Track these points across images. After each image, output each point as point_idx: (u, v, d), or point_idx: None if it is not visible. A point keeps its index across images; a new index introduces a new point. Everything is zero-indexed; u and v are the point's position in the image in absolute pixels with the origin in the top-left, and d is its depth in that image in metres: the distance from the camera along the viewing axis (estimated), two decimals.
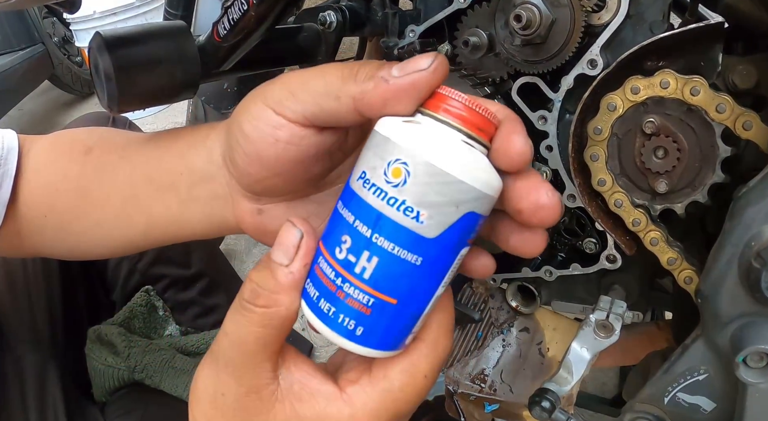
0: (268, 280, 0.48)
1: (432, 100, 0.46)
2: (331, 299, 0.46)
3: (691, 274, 0.71)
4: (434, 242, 0.44)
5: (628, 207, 0.71)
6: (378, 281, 0.44)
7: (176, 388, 1.27)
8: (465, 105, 0.44)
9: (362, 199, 0.44)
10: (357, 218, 0.44)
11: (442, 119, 0.45)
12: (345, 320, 0.45)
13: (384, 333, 0.46)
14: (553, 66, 0.71)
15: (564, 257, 0.85)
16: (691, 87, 0.64)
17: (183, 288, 1.50)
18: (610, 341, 0.75)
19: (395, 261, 0.44)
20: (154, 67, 0.71)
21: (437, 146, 0.43)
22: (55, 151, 0.78)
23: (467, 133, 0.44)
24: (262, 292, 0.48)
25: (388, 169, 0.43)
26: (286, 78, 0.53)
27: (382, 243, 0.43)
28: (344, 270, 0.45)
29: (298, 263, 0.48)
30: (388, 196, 0.43)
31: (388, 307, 0.45)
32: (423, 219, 0.43)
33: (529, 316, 0.96)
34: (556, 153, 0.75)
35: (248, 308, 0.48)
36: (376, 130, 0.45)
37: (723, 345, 0.64)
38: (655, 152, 0.68)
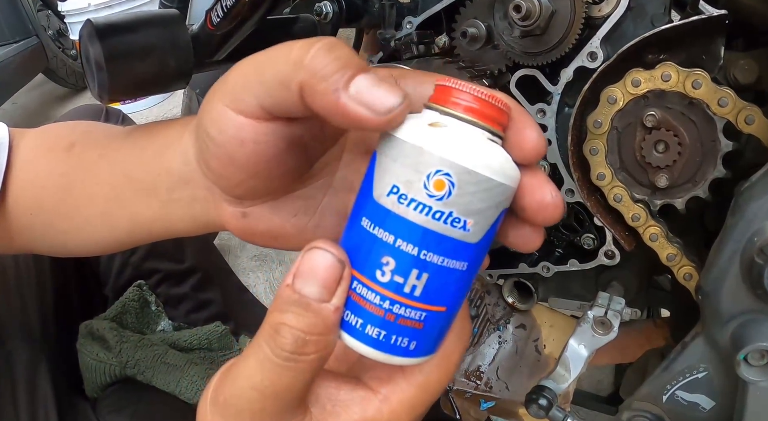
0: (315, 324, 0.42)
1: (445, 96, 0.43)
2: (380, 324, 0.43)
3: (691, 270, 0.70)
4: (477, 245, 0.43)
5: (628, 202, 0.71)
6: (429, 295, 0.43)
7: (168, 384, 1.25)
8: (483, 99, 0.42)
9: (401, 216, 0.41)
10: (398, 237, 0.41)
11: (466, 119, 0.42)
12: (398, 339, 0.43)
13: (434, 340, 0.45)
14: (553, 58, 0.70)
15: (561, 252, 0.84)
16: (692, 80, 0.63)
17: (176, 283, 1.48)
18: (608, 338, 0.74)
19: (445, 273, 0.42)
20: (146, 56, 0.69)
21: (474, 151, 0.41)
22: (41, 147, 0.76)
23: (490, 130, 0.43)
24: (311, 338, 0.42)
25: (428, 182, 0.40)
26: (238, 67, 0.48)
27: (432, 259, 0.42)
28: (392, 292, 0.42)
29: (341, 297, 0.43)
30: (433, 210, 0.41)
31: (438, 316, 0.44)
32: (470, 227, 0.42)
33: (526, 312, 0.96)
34: (554, 147, 0.74)
35: (297, 359, 0.42)
36: (399, 137, 0.42)
37: (723, 343, 0.63)
38: (656, 146, 0.67)
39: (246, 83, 0.47)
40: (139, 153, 0.65)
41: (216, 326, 1.44)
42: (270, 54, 0.45)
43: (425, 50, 0.80)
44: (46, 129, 0.79)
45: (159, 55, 0.70)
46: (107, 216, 0.68)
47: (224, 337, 1.44)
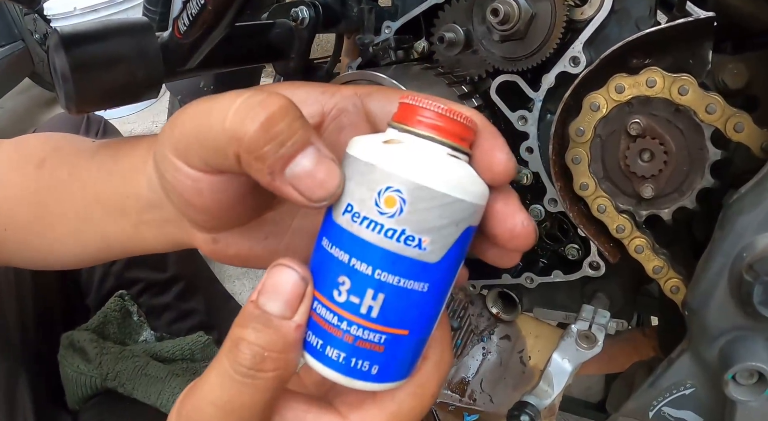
0: (274, 341, 0.41)
1: (404, 113, 0.42)
2: (338, 345, 0.42)
3: (678, 283, 0.68)
4: (438, 266, 0.41)
5: (612, 213, 0.68)
6: (387, 317, 0.41)
7: (149, 396, 1.23)
8: (443, 115, 0.41)
9: (355, 235, 0.40)
10: (353, 256, 0.41)
11: (424, 134, 0.41)
12: (358, 363, 0.42)
13: (399, 365, 0.43)
14: (534, 63, 0.68)
15: (545, 263, 0.81)
16: (679, 86, 0.61)
17: (158, 292, 1.46)
18: (592, 352, 0.72)
19: (403, 294, 0.41)
20: (113, 66, 0.67)
21: (427, 166, 0.39)
22: (14, 161, 0.74)
23: (451, 145, 0.41)
24: (270, 355, 0.41)
25: (379, 199, 0.39)
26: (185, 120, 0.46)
27: (386, 278, 0.40)
28: (348, 313, 0.41)
29: (303, 315, 0.42)
30: (384, 228, 0.39)
31: (400, 339, 0.42)
32: (426, 245, 0.40)
33: (511, 323, 0.94)
34: (536, 155, 0.71)
35: (255, 376, 0.41)
36: (352, 155, 0.42)
37: (711, 360, 0.61)
38: (641, 155, 0.65)
39: (188, 143, 0.46)
40: (106, 176, 0.63)
41: (199, 336, 1.43)
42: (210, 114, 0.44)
43: (404, 56, 0.78)
44: (19, 142, 0.77)
45: (126, 65, 0.68)
46: (79, 234, 0.67)
47: (207, 347, 1.42)
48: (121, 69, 0.67)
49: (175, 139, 0.47)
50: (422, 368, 0.46)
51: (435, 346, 0.46)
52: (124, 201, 0.61)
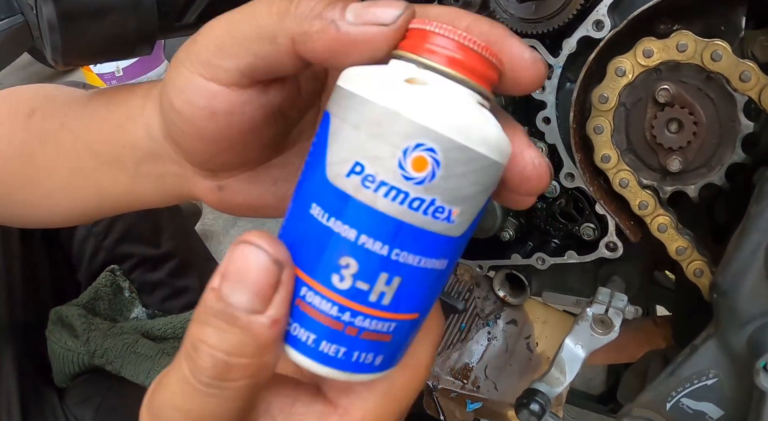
0: (242, 343, 0.33)
1: (421, 42, 0.34)
2: (338, 340, 0.34)
3: (702, 265, 0.64)
4: (460, 239, 0.34)
5: (635, 188, 0.64)
6: (400, 302, 0.34)
7: (138, 375, 1.21)
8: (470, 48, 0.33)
9: (366, 205, 0.32)
10: (362, 232, 0.32)
11: (451, 74, 0.33)
12: (361, 356, 0.35)
13: (403, 350, 0.37)
14: (554, 26, 0.63)
15: (558, 243, 0.78)
16: (712, 51, 0.57)
17: (151, 268, 1.45)
18: (608, 337, 0.68)
19: (422, 275, 0.34)
20: (104, 16, 0.63)
21: (465, 120, 0.32)
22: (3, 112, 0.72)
23: (480, 91, 0.34)
24: (237, 362, 0.33)
25: (405, 159, 0.31)
26: (209, 28, 0.43)
27: (405, 259, 0.33)
28: (353, 302, 0.33)
29: (280, 307, 0.34)
30: (410, 198, 0.31)
31: (410, 324, 0.36)
32: (455, 217, 0.33)
33: (518, 307, 0.91)
34: (554, 126, 0.67)
35: (220, 386, 0.34)
36: (361, 95, 0.33)
37: (738, 347, 0.58)
38: (668, 125, 0.61)
39: (221, 45, 0.42)
40: (98, 124, 0.60)
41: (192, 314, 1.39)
42: (246, 10, 0.40)
43: None
44: (8, 93, 0.75)
45: (119, 15, 0.64)
46: (71, 189, 0.63)
47: None
48: (113, 20, 0.63)
49: (199, 49, 0.43)
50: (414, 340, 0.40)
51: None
52: (119, 151, 0.56)
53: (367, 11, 0.36)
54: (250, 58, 0.41)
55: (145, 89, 0.57)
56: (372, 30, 0.36)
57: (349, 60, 0.37)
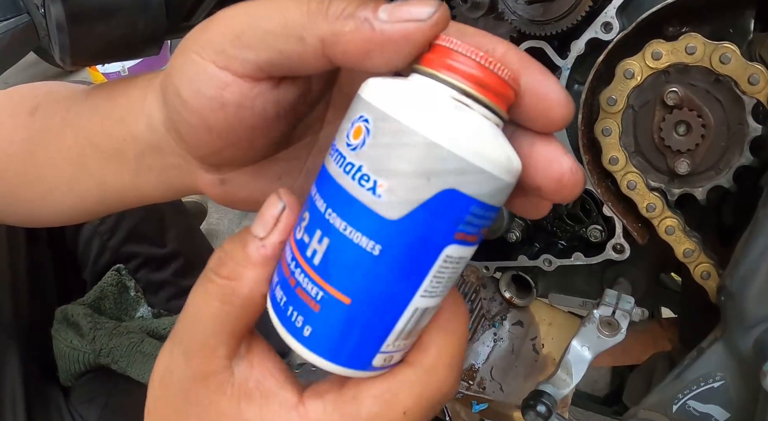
0: (237, 250, 0.41)
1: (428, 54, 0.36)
2: (284, 287, 0.38)
3: (709, 268, 0.64)
4: (397, 226, 0.33)
5: (643, 190, 0.64)
6: (327, 270, 0.35)
7: (144, 374, 1.21)
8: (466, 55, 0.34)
9: (325, 168, 0.37)
10: (318, 190, 0.37)
11: (432, 73, 0.35)
12: (293, 314, 0.37)
13: (336, 341, 0.36)
14: (562, 28, 0.63)
15: (565, 245, 0.77)
16: (720, 54, 0.57)
17: (157, 268, 1.45)
18: (615, 340, 0.68)
19: (347, 246, 0.34)
20: (112, 16, 0.63)
21: (411, 100, 0.33)
22: (5, 111, 0.73)
23: (462, 89, 0.34)
24: (227, 262, 0.41)
25: (351, 129, 0.35)
26: (227, 16, 0.42)
27: (334, 220, 0.35)
28: (298, 252, 0.37)
29: (274, 237, 0.40)
30: (345, 161, 0.34)
31: (339, 306, 0.35)
32: (381, 192, 0.33)
33: (524, 309, 0.91)
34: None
35: (210, 278, 0.41)
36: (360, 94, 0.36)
37: (746, 350, 0.57)
38: (677, 128, 0.61)
39: (240, 34, 0.41)
40: (100, 119, 0.59)
41: None
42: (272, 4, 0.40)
43: None
44: (11, 91, 0.75)
45: (127, 15, 0.64)
46: (74, 184, 0.63)
47: None
48: (121, 20, 0.63)
49: (213, 36, 0.42)
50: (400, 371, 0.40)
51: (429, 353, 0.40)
52: (121, 145, 0.56)
53: (401, 9, 0.36)
54: (271, 53, 0.40)
55: (146, 80, 0.56)
56: (409, 26, 0.36)
57: (384, 59, 0.37)
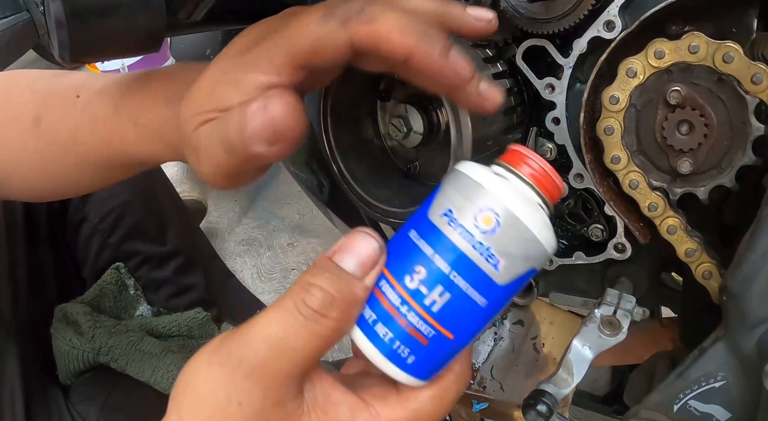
0: (345, 292, 0.44)
1: (514, 158, 0.47)
2: (390, 325, 0.45)
3: (711, 267, 0.64)
4: (502, 289, 0.45)
5: (645, 189, 0.64)
6: (444, 316, 0.45)
7: (143, 373, 1.21)
8: (544, 170, 0.47)
9: (445, 235, 0.45)
10: (437, 252, 0.45)
11: (526, 180, 0.46)
12: (400, 347, 0.45)
13: (432, 365, 0.47)
14: (564, 26, 0.63)
15: (566, 244, 0.77)
16: (723, 53, 0.56)
17: (157, 266, 1.45)
18: (616, 339, 0.67)
19: (465, 300, 0.45)
20: (112, 13, 0.63)
21: (523, 204, 0.45)
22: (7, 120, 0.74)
23: (542, 196, 0.47)
24: (338, 304, 0.44)
25: (479, 214, 0.44)
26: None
27: (459, 282, 0.44)
28: (413, 299, 0.45)
29: (372, 279, 0.46)
30: (475, 240, 0.44)
31: (444, 341, 0.46)
32: (500, 267, 0.44)
33: (524, 308, 0.91)
34: (563, 126, 0.67)
35: (317, 320, 0.44)
36: (463, 172, 0.47)
37: (748, 350, 0.57)
38: (679, 127, 0.61)
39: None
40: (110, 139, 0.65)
41: (197, 312, 1.40)
42: None
43: None
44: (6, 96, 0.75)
45: (127, 12, 0.63)
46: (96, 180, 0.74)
47: (205, 324, 1.40)
48: (121, 16, 0.63)
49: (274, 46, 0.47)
50: (446, 377, 0.49)
51: (460, 361, 0.49)
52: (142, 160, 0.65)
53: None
54: None
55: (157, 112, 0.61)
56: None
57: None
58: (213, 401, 0.45)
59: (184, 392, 0.46)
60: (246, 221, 2.36)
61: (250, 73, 0.46)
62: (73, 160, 0.69)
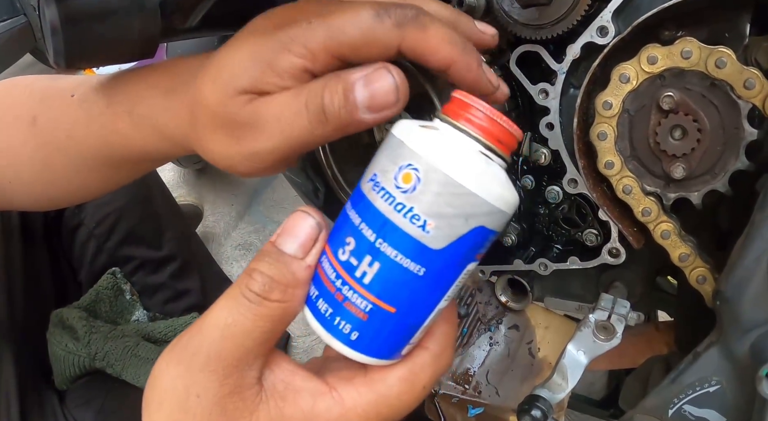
0: (284, 273, 0.45)
1: (452, 106, 0.45)
2: (329, 300, 0.45)
3: (705, 272, 0.64)
4: (439, 254, 0.42)
5: (638, 194, 0.64)
6: (378, 288, 0.43)
7: (139, 378, 1.21)
8: (487, 115, 0.43)
9: (370, 202, 0.43)
10: (363, 220, 0.43)
11: (462, 128, 0.44)
12: (341, 323, 0.44)
13: (380, 341, 0.45)
14: (558, 32, 0.63)
15: (561, 249, 0.77)
16: (716, 58, 0.57)
17: (153, 270, 1.45)
18: (610, 344, 0.67)
19: (397, 269, 0.42)
20: (107, 19, 0.63)
21: (452, 155, 0.42)
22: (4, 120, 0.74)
23: (486, 145, 0.44)
24: (277, 286, 0.45)
25: (398, 173, 0.42)
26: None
27: (385, 249, 0.42)
28: (345, 272, 0.44)
29: (314, 257, 0.47)
30: (396, 201, 0.42)
31: (386, 315, 0.44)
32: (430, 229, 0.41)
33: (520, 312, 0.91)
34: (557, 132, 0.67)
35: (260, 302, 0.45)
36: (392, 132, 0.44)
37: (741, 354, 0.57)
38: (672, 132, 0.61)
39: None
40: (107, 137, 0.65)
41: (193, 316, 1.40)
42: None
43: None
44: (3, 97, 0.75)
45: (121, 18, 0.63)
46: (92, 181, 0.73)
47: None
48: (116, 22, 0.63)
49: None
50: (418, 355, 0.48)
51: (437, 339, 0.48)
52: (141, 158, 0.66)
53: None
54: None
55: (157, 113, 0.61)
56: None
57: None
58: (173, 397, 0.45)
59: (151, 396, 0.47)
60: (242, 226, 2.36)
61: (285, 55, 0.47)
62: (70, 160, 0.69)
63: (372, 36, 0.46)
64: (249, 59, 0.48)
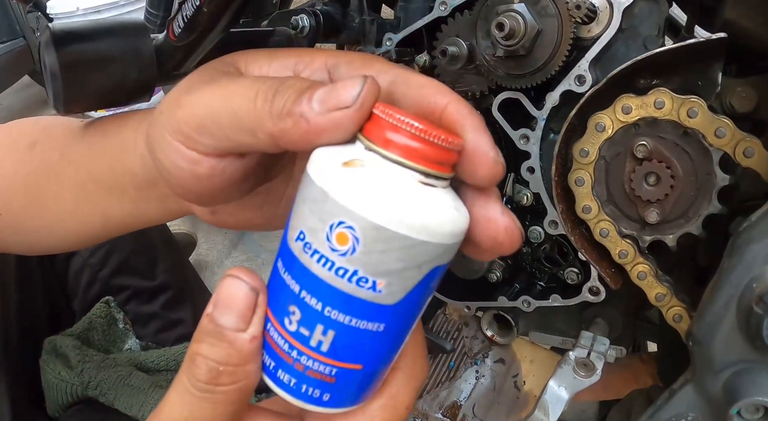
0: (229, 354, 0.41)
1: (374, 128, 0.38)
2: (290, 371, 0.40)
3: (681, 311, 0.66)
4: (396, 307, 0.38)
5: (615, 237, 0.66)
6: (339, 353, 0.39)
7: (131, 407, 1.21)
8: (419, 136, 0.36)
9: (305, 266, 0.38)
10: (303, 288, 0.38)
11: (394, 158, 0.36)
12: (309, 389, 0.40)
13: (354, 393, 0.42)
14: (538, 81, 0.65)
15: (543, 286, 0.79)
16: (688, 108, 0.59)
17: (146, 300, 1.45)
18: (590, 380, 0.69)
19: (354, 332, 0.38)
20: (105, 66, 0.65)
21: (389, 201, 0.35)
22: (5, 146, 0.75)
23: (426, 172, 0.37)
24: (225, 369, 0.41)
25: (331, 233, 0.36)
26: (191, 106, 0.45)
27: (337, 317, 0.38)
28: (298, 343, 0.39)
29: (257, 326, 0.42)
30: (335, 266, 0.36)
31: (353, 373, 0.40)
32: (381, 288, 0.37)
33: (505, 346, 0.92)
34: (538, 175, 0.69)
35: (212, 390, 0.41)
36: (309, 174, 0.38)
37: (714, 392, 0.58)
38: (647, 179, 0.63)
39: (201, 126, 0.44)
40: (97, 155, 0.63)
41: (185, 346, 1.40)
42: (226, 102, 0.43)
43: None
44: (10, 126, 0.78)
45: (119, 65, 0.66)
46: (78, 214, 0.67)
47: None
48: (113, 70, 0.65)
49: (181, 124, 0.45)
50: (393, 378, 0.45)
51: (406, 356, 0.45)
52: (119, 179, 0.61)
53: (330, 96, 0.39)
54: (229, 142, 0.44)
55: (136, 121, 0.60)
56: (337, 115, 0.38)
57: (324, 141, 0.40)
58: None
59: None
60: (235, 254, 2.37)
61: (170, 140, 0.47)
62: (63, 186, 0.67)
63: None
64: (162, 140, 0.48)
